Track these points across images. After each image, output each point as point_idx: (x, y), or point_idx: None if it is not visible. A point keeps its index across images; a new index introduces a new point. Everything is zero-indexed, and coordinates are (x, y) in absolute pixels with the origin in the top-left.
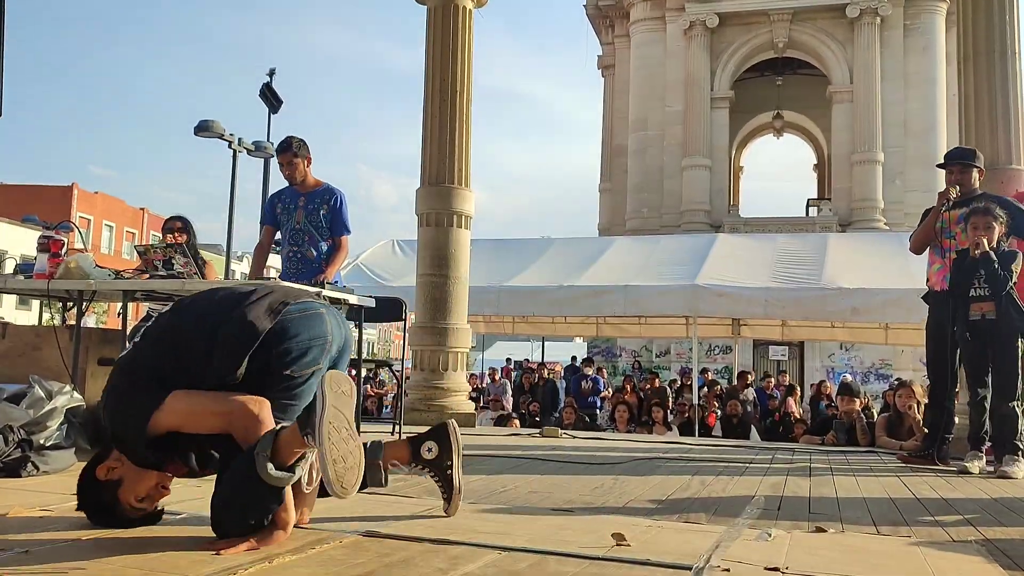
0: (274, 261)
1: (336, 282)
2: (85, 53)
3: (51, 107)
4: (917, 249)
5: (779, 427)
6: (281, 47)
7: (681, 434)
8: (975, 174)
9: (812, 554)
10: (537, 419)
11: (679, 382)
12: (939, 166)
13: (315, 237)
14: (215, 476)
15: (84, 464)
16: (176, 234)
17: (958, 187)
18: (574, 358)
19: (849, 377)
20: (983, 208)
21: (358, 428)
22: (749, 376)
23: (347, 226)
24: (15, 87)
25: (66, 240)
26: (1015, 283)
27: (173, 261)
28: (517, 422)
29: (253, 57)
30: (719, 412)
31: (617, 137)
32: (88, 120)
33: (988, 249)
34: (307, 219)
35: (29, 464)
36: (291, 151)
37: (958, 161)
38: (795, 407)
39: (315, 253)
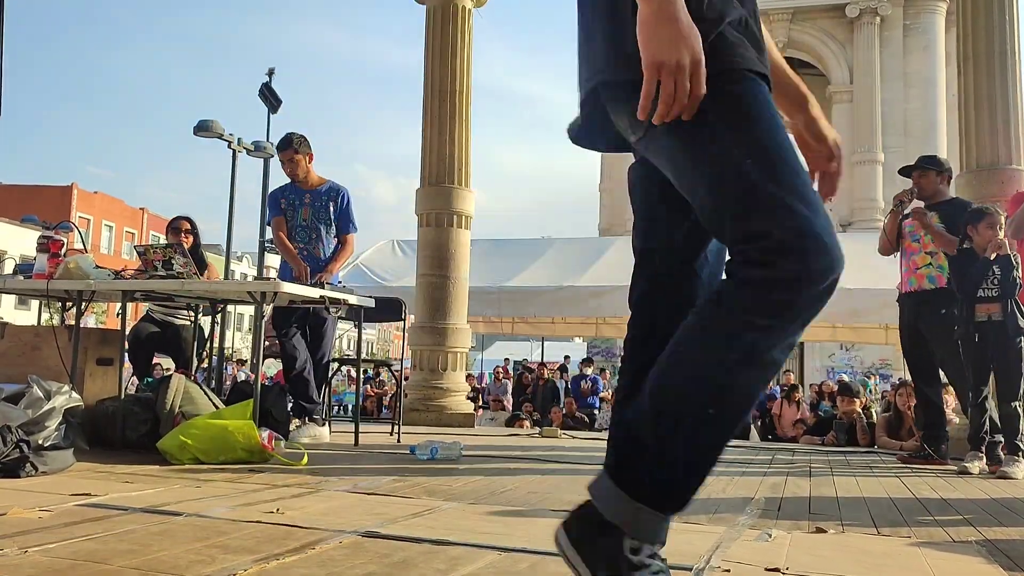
0: (273, 261)
1: (336, 282)
2: (83, 53)
3: (49, 107)
4: (886, 251)
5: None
6: (279, 47)
7: None
8: (933, 177)
9: (812, 554)
10: (535, 419)
11: None
12: (900, 172)
13: (323, 234)
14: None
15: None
16: (184, 234)
17: (915, 191)
18: (567, 358)
19: (846, 377)
20: (984, 208)
21: (357, 428)
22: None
23: (354, 224)
24: (13, 87)
25: (65, 240)
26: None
27: (172, 261)
28: (527, 423)
29: (252, 57)
30: None
31: None
32: (86, 120)
33: (1010, 251)
34: (314, 216)
35: (28, 464)
36: (292, 148)
37: (917, 166)
38: (787, 408)
39: (323, 252)
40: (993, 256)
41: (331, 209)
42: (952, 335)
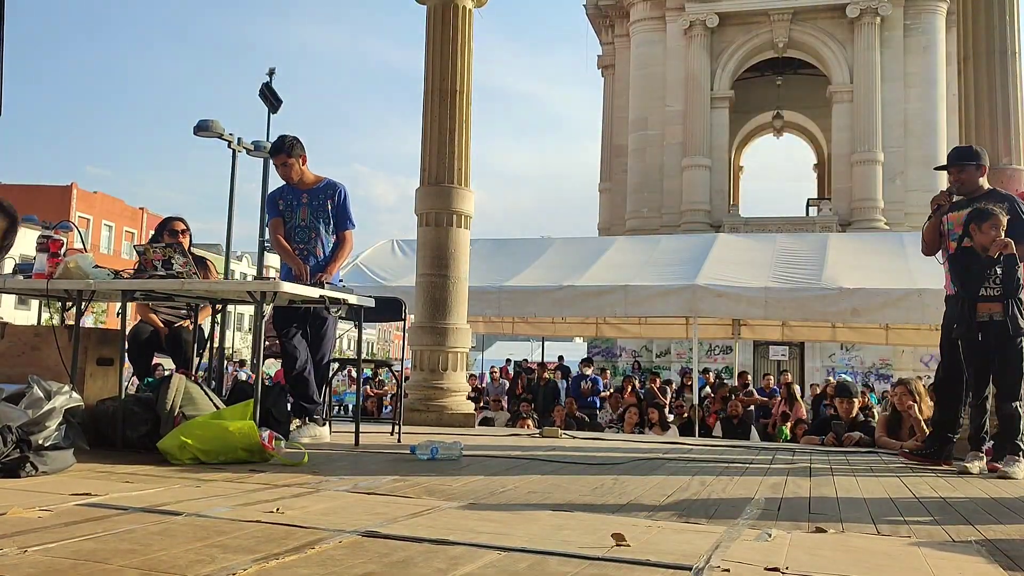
0: (273, 261)
1: (337, 281)
2: (84, 52)
3: (47, 107)
4: (928, 252)
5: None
6: (280, 46)
7: (681, 434)
8: (973, 171)
9: (812, 554)
10: (536, 419)
11: (680, 382)
12: (938, 168)
13: (322, 233)
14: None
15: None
16: (181, 235)
17: (955, 187)
18: (561, 358)
19: (848, 378)
20: (987, 209)
21: (357, 428)
22: (748, 376)
23: (351, 220)
24: (12, 87)
25: (65, 240)
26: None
27: (172, 261)
28: (530, 423)
29: (252, 57)
30: (721, 414)
31: (617, 137)
32: (84, 120)
33: (1015, 251)
34: (312, 216)
35: (28, 464)
36: (284, 152)
37: (954, 162)
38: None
39: (323, 251)
40: (997, 255)
41: (329, 207)
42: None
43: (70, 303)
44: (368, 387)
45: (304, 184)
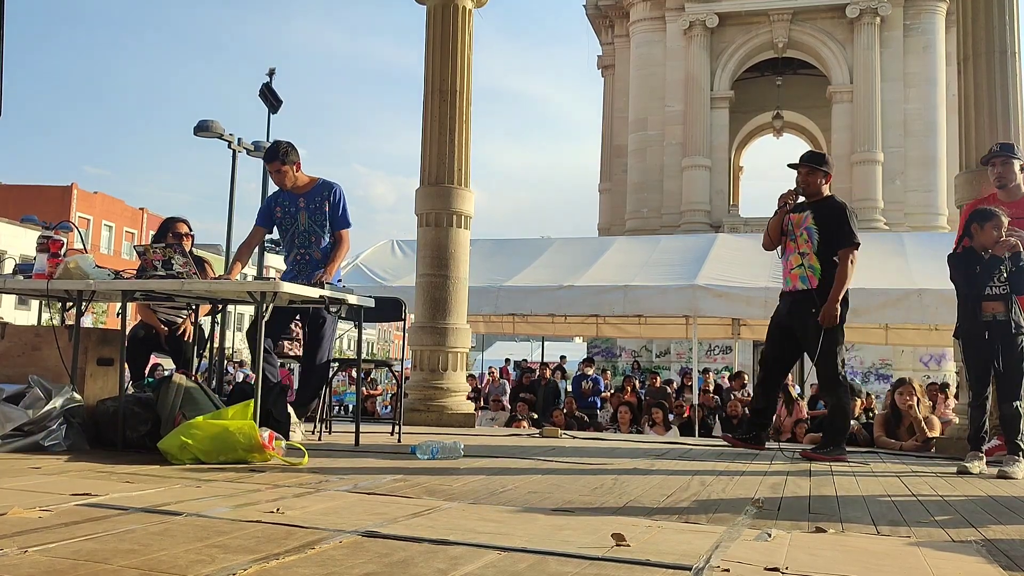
0: (274, 261)
1: (337, 282)
2: (84, 53)
3: (47, 107)
4: (768, 247)
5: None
6: (279, 47)
7: (681, 434)
8: (820, 178)
9: (812, 554)
10: (535, 418)
11: (679, 382)
12: (789, 166)
13: (320, 236)
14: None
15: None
16: (184, 238)
17: (801, 188)
18: (563, 358)
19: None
20: (990, 209)
21: (357, 428)
22: (745, 376)
23: (348, 220)
24: (14, 87)
25: (65, 240)
26: None
27: (172, 261)
28: (526, 423)
29: (252, 57)
30: (720, 413)
31: (617, 137)
32: (86, 120)
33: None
34: (310, 219)
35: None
36: (278, 160)
37: (806, 163)
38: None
39: (321, 253)
40: (1003, 254)
41: (326, 208)
42: (822, 334)
43: (70, 303)
44: (365, 388)
45: (299, 189)
